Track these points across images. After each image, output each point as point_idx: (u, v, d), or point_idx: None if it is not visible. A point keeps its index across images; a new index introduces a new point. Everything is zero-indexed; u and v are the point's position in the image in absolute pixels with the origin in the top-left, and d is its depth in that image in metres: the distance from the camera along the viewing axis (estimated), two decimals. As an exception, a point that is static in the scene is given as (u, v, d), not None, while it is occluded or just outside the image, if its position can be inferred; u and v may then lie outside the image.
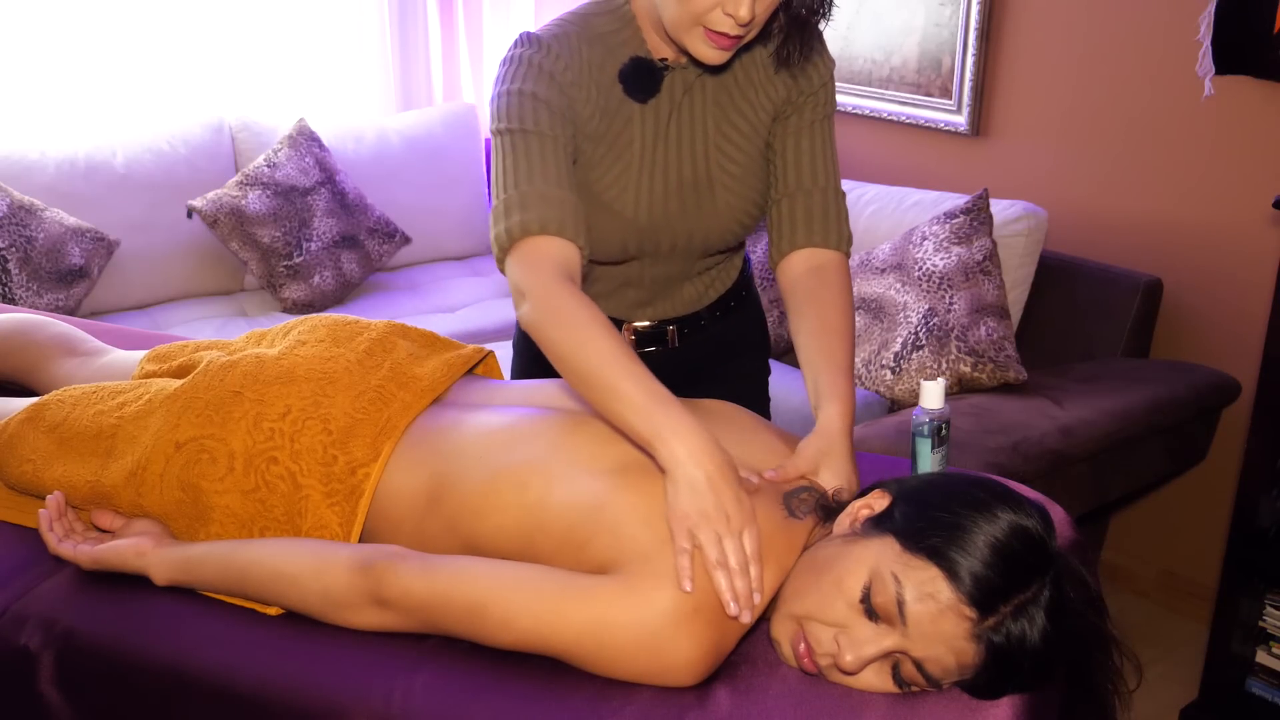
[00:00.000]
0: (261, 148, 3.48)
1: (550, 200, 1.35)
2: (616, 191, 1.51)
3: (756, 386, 1.85)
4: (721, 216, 1.57)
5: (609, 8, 1.48)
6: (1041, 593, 1.10)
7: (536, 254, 1.33)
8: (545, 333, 1.28)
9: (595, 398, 1.24)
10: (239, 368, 1.44)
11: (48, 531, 1.40)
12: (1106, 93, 2.75)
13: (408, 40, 3.83)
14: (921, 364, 2.55)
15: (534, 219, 1.34)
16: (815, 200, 1.54)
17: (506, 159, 1.38)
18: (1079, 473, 2.34)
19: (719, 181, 1.55)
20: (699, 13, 1.32)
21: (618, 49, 1.47)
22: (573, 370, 1.26)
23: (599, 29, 1.47)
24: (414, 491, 1.34)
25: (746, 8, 1.29)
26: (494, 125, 1.42)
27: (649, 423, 1.20)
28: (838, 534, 1.21)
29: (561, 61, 1.42)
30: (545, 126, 1.39)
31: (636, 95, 1.48)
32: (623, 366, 1.23)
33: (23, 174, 3.12)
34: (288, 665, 1.23)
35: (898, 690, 1.14)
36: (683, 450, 1.18)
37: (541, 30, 1.45)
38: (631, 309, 1.69)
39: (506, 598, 1.17)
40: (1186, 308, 2.72)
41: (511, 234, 1.34)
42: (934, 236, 2.63)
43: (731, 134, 1.54)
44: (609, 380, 1.22)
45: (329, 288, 3.37)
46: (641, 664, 1.13)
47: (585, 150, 1.48)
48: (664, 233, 1.56)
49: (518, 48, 1.44)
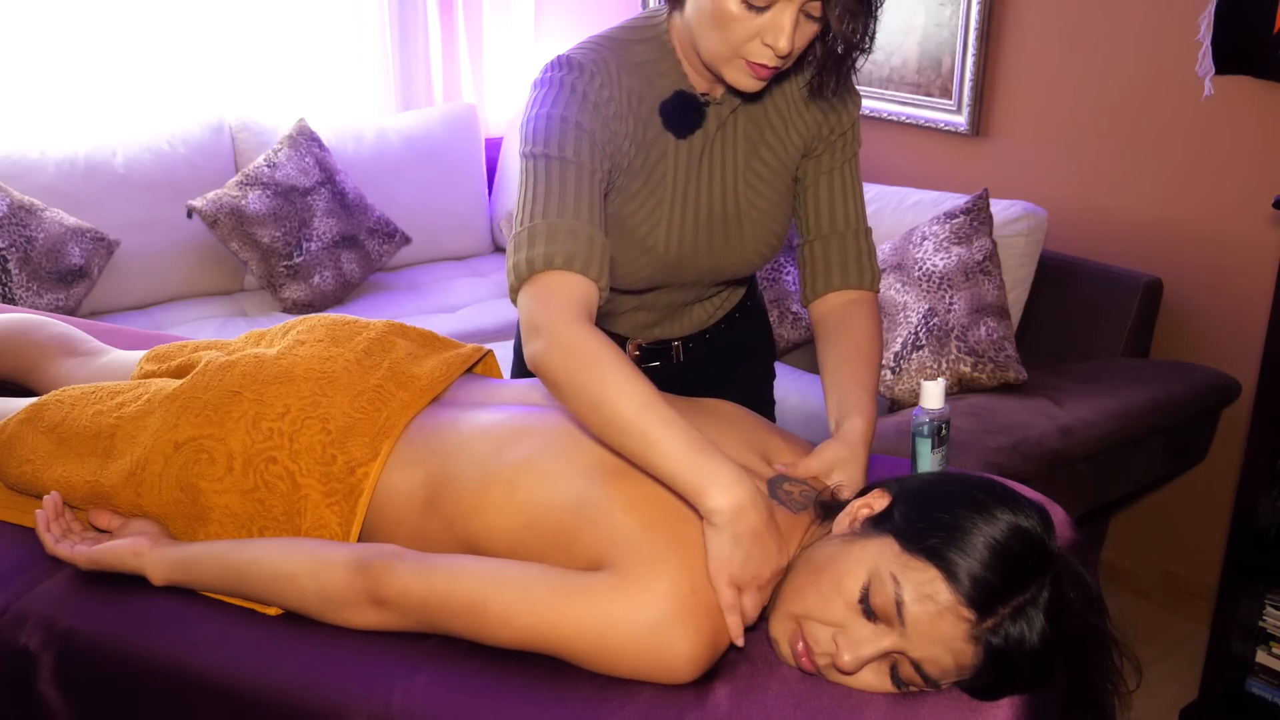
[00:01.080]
0: (261, 148, 3.48)
1: (579, 236, 1.28)
2: (649, 226, 1.48)
3: (761, 389, 1.85)
4: (747, 249, 1.55)
5: (647, 34, 1.44)
6: (1040, 594, 1.10)
7: (555, 290, 1.26)
8: (566, 375, 1.21)
9: (630, 446, 1.18)
10: (238, 368, 1.44)
11: (45, 532, 1.40)
12: (1107, 93, 2.75)
13: (408, 40, 3.83)
14: (921, 364, 2.55)
15: (558, 253, 1.26)
16: (848, 244, 1.56)
17: (538, 186, 1.31)
18: (1079, 473, 2.34)
19: (747, 215, 1.53)
20: (738, 44, 1.30)
21: (656, 80, 1.42)
22: (602, 416, 1.19)
23: (636, 57, 1.42)
24: (412, 490, 1.34)
25: (786, 40, 1.27)
26: (527, 148, 1.34)
27: (692, 475, 1.15)
28: (837, 533, 1.21)
29: (605, 91, 1.36)
30: (585, 157, 1.32)
31: (678, 130, 1.44)
32: (658, 415, 1.17)
33: (23, 174, 3.12)
34: (288, 665, 1.23)
35: (896, 690, 1.14)
36: (727, 503, 1.14)
37: (579, 54, 1.39)
38: (639, 329, 1.68)
39: (504, 596, 1.17)
40: (1186, 308, 2.72)
41: (533, 265, 1.27)
42: (934, 236, 2.63)
43: (760, 168, 1.52)
44: (645, 430, 1.17)
45: (329, 288, 3.37)
46: (640, 660, 1.13)
47: (621, 183, 1.44)
48: (690, 265, 1.54)
49: (556, 71, 1.37)
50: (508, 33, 4.04)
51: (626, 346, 1.68)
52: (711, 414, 1.42)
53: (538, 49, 4.11)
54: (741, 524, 1.14)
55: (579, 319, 1.24)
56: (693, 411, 1.42)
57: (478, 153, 3.83)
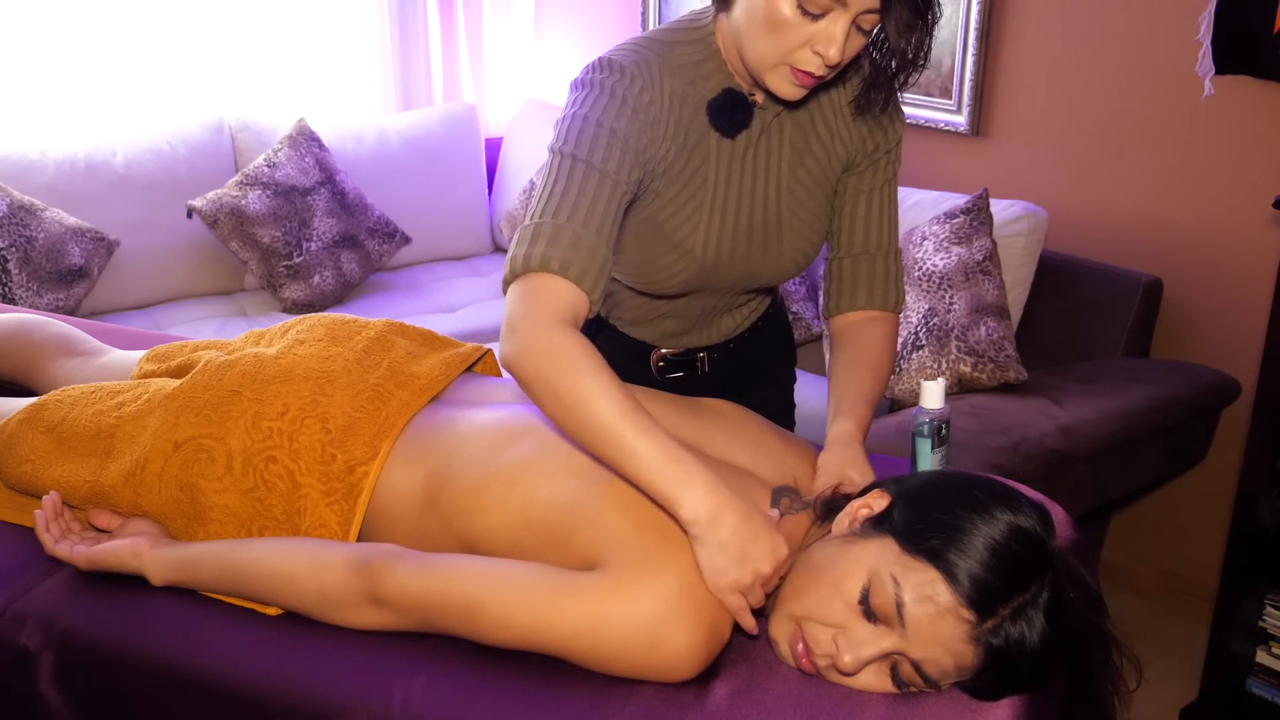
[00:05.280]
0: (261, 148, 3.48)
1: (581, 245, 1.26)
2: (688, 230, 1.46)
3: (783, 395, 1.85)
4: (784, 258, 1.54)
5: (693, 35, 1.41)
6: (1040, 594, 1.10)
7: (543, 292, 1.24)
8: (540, 377, 1.20)
9: (606, 452, 1.18)
10: (237, 367, 1.44)
11: (44, 532, 1.40)
12: (1107, 93, 2.75)
13: (408, 40, 3.83)
14: (921, 364, 2.55)
15: (556, 257, 1.25)
16: (877, 265, 1.55)
17: (558, 185, 1.29)
18: (1079, 473, 2.34)
19: (788, 224, 1.51)
20: (788, 50, 1.28)
21: (700, 81, 1.40)
22: (578, 421, 1.18)
23: (681, 59, 1.39)
24: (411, 490, 1.34)
25: (837, 49, 1.26)
26: (558, 144, 1.32)
27: (666, 485, 1.15)
28: (836, 534, 1.21)
29: (646, 95, 1.34)
30: (613, 167, 1.30)
31: (725, 129, 1.42)
32: (633, 423, 1.16)
33: (23, 174, 3.12)
34: (288, 665, 1.23)
35: (896, 691, 1.14)
36: (703, 510, 1.14)
37: (620, 56, 1.36)
38: (666, 338, 1.66)
39: (502, 596, 1.17)
40: (1186, 308, 2.72)
41: (529, 263, 1.25)
42: (934, 236, 2.63)
43: (805, 177, 1.50)
44: (620, 437, 1.16)
45: (329, 288, 3.38)
46: (638, 658, 1.13)
47: (657, 188, 1.42)
48: (725, 271, 1.52)
49: (598, 73, 1.35)
50: (508, 33, 4.04)
51: (651, 357, 1.67)
52: (711, 414, 1.42)
53: (538, 49, 4.11)
54: (723, 529, 1.13)
55: (560, 323, 1.22)
56: (692, 412, 1.42)
57: (478, 153, 3.83)
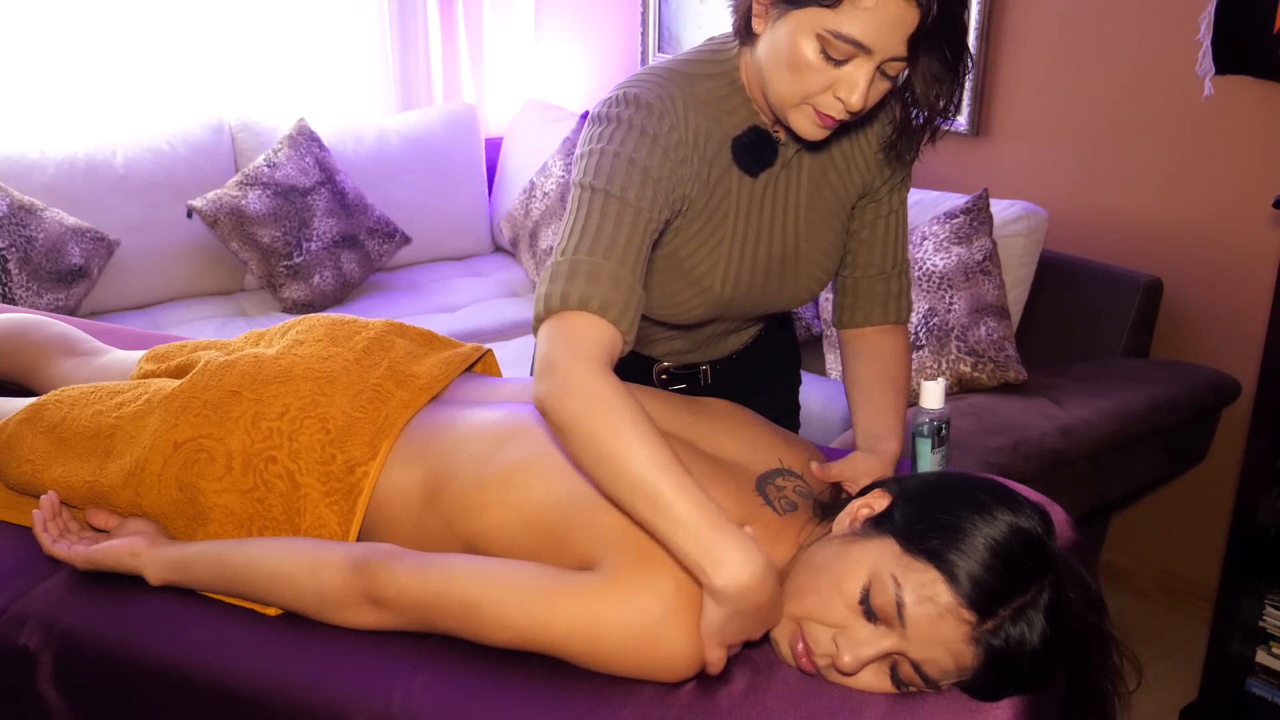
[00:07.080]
0: (261, 148, 3.48)
1: (620, 284, 1.22)
2: (707, 266, 1.44)
3: (788, 397, 1.85)
4: (799, 287, 1.53)
5: (715, 69, 1.38)
6: (1041, 595, 1.10)
7: (580, 332, 1.20)
8: (579, 422, 1.15)
9: (637, 506, 1.13)
10: (237, 367, 1.44)
11: (42, 532, 1.40)
12: (1106, 93, 2.75)
13: (408, 40, 3.83)
14: (921, 364, 2.55)
15: (594, 296, 1.21)
16: (890, 283, 1.56)
17: (589, 220, 1.25)
18: (1079, 473, 2.34)
19: (805, 254, 1.50)
20: (811, 92, 1.27)
21: (724, 117, 1.38)
22: (612, 472, 1.14)
23: (704, 93, 1.36)
24: (411, 489, 1.34)
25: (859, 96, 1.24)
26: (587, 179, 1.28)
27: (700, 551, 1.10)
28: (837, 533, 1.21)
29: (676, 134, 1.31)
30: (645, 204, 1.27)
31: (750, 168, 1.40)
32: (672, 479, 1.12)
33: (23, 174, 3.12)
34: (287, 665, 1.23)
35: (896, 691, 1.14)
36: (733, 586, 1.10)
37: (643, 90, 1.32)
38: (670, 355, 1.66)
39: (499, 596, 1.17)
40: (1186, 308, 2.72)
41: (566, 301, 1.21)
42: (934, 236, 2.63)
43: (821, 207, 1.49)
44: (657, 493, 1.12)
45: (329, 288, 3.37)
46: (635, 658, 1.14)
47: (679, 225, 1.40)
48: (742, 303, 1.51)
49: (624, 108, 1.31)
50: (508, 33, 4.04)
51: (653, 369, 1.67)
52: (711, 414, 1.42)
53: (538, 49, 4.11)
54: (745, 603, 1.11)
55: (600, 366, 1.18)
56: (692, 411, 1.42)
57: (478, 153, 3.83)
